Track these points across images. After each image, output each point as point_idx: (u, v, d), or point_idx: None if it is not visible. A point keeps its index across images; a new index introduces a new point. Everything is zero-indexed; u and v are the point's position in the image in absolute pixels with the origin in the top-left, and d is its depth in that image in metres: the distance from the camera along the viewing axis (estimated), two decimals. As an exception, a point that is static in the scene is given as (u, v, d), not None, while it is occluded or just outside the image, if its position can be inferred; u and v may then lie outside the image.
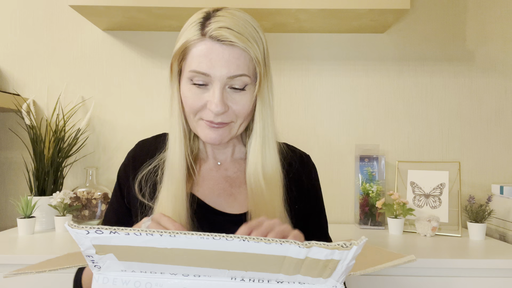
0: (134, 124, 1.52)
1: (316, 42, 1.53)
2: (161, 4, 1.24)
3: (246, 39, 0.66)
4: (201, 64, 0.66)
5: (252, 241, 0.39)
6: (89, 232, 0.41)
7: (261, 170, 0.72)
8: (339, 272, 0.41)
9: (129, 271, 0.45)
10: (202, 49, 0.66)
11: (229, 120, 0.70)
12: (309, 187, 0.81)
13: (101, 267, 0.45)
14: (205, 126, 0.70)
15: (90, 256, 0.44)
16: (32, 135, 1.36)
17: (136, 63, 1.52)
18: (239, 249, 0.40)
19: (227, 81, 0.67)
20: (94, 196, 1.35)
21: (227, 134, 0.71)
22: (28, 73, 1.52)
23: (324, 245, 0.39)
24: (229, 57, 0.65)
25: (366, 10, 1.26)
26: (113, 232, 0.41)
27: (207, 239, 0.40)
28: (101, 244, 0.42)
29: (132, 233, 0.40)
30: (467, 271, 1.02)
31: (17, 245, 1.12)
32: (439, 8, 1.53)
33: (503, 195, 1.31)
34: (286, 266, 0.42)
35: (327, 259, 0.40)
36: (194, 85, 0.68)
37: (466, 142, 1.53)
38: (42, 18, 1.52)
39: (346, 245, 0.39)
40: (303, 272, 0.42)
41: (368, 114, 1.53)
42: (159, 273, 0.45)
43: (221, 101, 0.66)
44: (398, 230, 1.30)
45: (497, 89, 1.53)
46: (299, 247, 0.39)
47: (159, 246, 0.41)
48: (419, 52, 1.53)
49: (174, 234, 0.40)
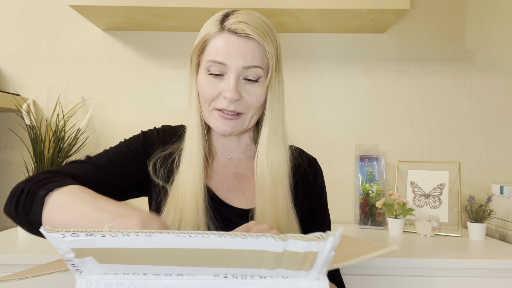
0: (134, 124, 1.52)
1: (316, 42, 1.53)
2: (161, 4, 1.24)
3: (261, 33, 0.71)
4: (218, 55, 0.70)
5: (228, 237, 0.39)
6: (65, 236, 0.40)
7: (268, 165, 0.74)
8: (319, 263, 0.42)
9: (111, 273, 0.45)
10: (220, 41, 0.71)
11: (242, 110, 0.73)
12: (315, 188, 0.83)
13: (82, 271, 0.45)
14: (217, 117, 0.73)
15: (70, 260, 0.43)
16: (32, 135, 1.36)
17: (136, 63, 1.52)
18: (217, 245, 0.40)
19: (242, 71, 0.71)
20: (94, 196, 1.35)
21: (239, 127, 0.74)
22: (28, 73, 1.52)
23: (301, 237, 0.39)
24: (245, 49, 0.70)
25: (366, 10, 1.26)
26: (89, 235, 0.40)
27: (183, 237, 0.40)
28: (79, 247, 0.42)
29: (108, 235, 0.40)
30: (467, 271, 1.02)
31: (17, 245, 1.12)
32: (439, 8, 1.53)
33: (503, 195, 1.31)
34: (266, 261, 0.42)
35: (305, 251, 0.40)
36: (210, 75, 0.72)
37: (466, 142, 1.53)
38: (42, 18, 1.52)
39: (323, 236, 0.39)
40: (284, 266, 0.42)
41: (368, 114, 1.53)
42: (141, 274, 0.45)
43: (235, 88, 0.70)
44: (398, 230, 1.30)
45: (497, 89, 1.53)
46: (275, 240, 0.39)
47: (137, 246, 0.41)
48: (419, 52, 1.53)
49: (151, 233, 0.40)
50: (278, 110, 0.76)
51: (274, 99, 0.75)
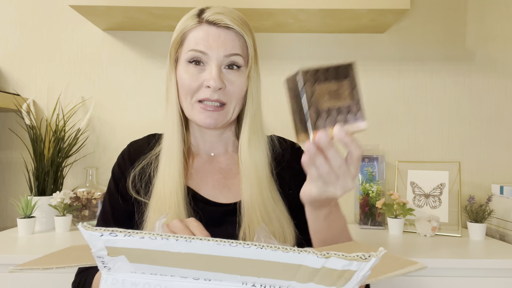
0: (134, 124, 1.52)
1: (316, 42, 1.53)
2: (161, 4, 1.24)
3: (240, 23, 0.72)
4: (198, 45, 0.71)
5: (269, 249, 0.39)
6: (103, 235, 0.40)
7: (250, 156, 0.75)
8: (354, 282, 0.41)
9: (138, 272, 0.45)
10: (199, 33, 0.72)
11: (225, 100, 0.73)
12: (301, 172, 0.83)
13: (110, 268, 0.45)
14: (200, 110, 0.73)
15: (101, 257, 0.43)
16: (32, 135, 1.36)
17: (136, 63, 1.52)
18: (255, 256, 0.40)
19: (224, 60, 0.72)
20: (94, 196, 1.36)
21: (222, 118, 0.74)
22: (28, 73, 1.52)
23: (343, 256, 0.38)
24: (225, 39, 0.71)
25: (366, 10, 1.26)
26: (127, 235, 0.40)
27: (223, 246, 0.39)
28: (114, 246, 0.42)
29: (147, 237, 0.40)
30: (467, 271, 1.02)
31: (17, 245, 1.12)
32: (439, 8, 1.53)
33: (503, 195, 1.31)
34: (300, 274, 0.41)
35: (343, 269, 0.40)
36: (191, 64, 0.73)
37: (466, 142, 1.53)
38: (42, 18, 1.52)
39: (365, 257, 0.38)
40: (316, 280, 0.42)
41: (368, 114, 1.53)
42: (169, 276, 0.45)
43: (218, 76, 0.71)
44: (398, 230, 1.30)
45: (497, 89, 1.53)
46: (317, 257, 0.39)
47: (173, 250, 0.41)
48: (419, 52, 1.53)
49: (190, 239, 0.40)
50: (258, 100, 0.77)
51: (254, 90, 0.76)
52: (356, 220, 1.47)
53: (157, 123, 1.50)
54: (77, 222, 1.37)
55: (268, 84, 1.52)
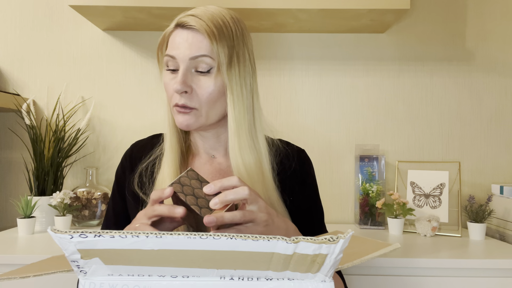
0: (134, 124, 1.52)
1: (316, 42, 1.53)
2: (161, 4, 1.24)
3: (210, 25, 0.70)
4: (170, 49, 0.72)
5: (239, 239, 0.39)
6: (73, 237, 0.40)
7: (242, 161, 0.73)
8: (327, 266, 0.42)
9: (116, 275, 0.45)
10: (173, 37, 0.73)
11: (193, 105, 0.72)
12: (304, 179, 0.83)
13: (87, 272, 0.44)
14: (176, 112, 0.74)
15: (75, 261, 0.43)
16: (32, 135, 1.36)
17: (136, 63, 1.52)
18: (227, 247, 0.40)
19: (190, 62, 0.71)
20: (94, 196, 1.36)
21: (194, 121, 0.73)
22: (28, 73, 1.52)
23: (311, 240, 0.39)
24: (192, 40, 0.70)
25: (366, 10, 1.26)
26: (97, 236, 0.40)
27: (194, 239, 0.40)
28: (86, 249, 0.41)
29: (117, 236, 0.40)
30: (467, 271, 1.02)
31: (17, 245, 1.12)
32: (439, 8, 1.53)
33: (503, 195, 1.31)
34: (274, 263, 0.42)
35: (314, 253, 0.40)
36: (168, 71, 0.74)
37: (466, 142, 1.53)
38: (42, 18, 1.52)
39: (333, 239, 0.39)
40: (291, 268, 0.43)
41: (368, 114, 1.53)
42: (147, 276, 0.45)
43: (182, 80, 0.70)
44: (398, 230, 1.30)
45: (497, 89, 1.53)
46: (286, 243, 0.39)
47: (145, 248, 0.41)
48: (419, 52, 1.53)
49: (161, 235, 0.40)
50: (241, 104, 0.73)
51: (234, 93, 0.72)
52: (356, 220, 1.47)
53: (157, 123, 1.51)
54: (77, 222, 1.37)
55: (268, 84, 1.52)
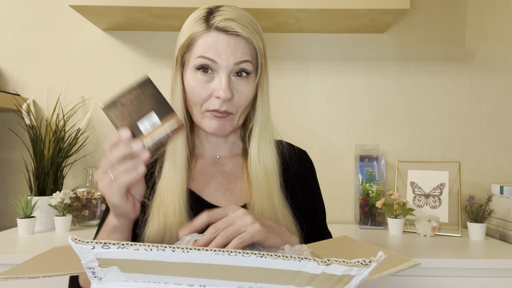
0: (134, 124, 1.52)
1: (316, 42, 1.53)
2: (161, 4, 1.24)
3: (249, 30, 0.71)
4: (208, 51, 0.70)
5: (269, 258, 0.38)
6: (95, 247, 0.39)
7: (260, 162, 0.75)
8: (352, 285, 0.41)
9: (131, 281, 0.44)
10: (208, 40, 0.70)
11: (233, 110, 0.72)
12: (308, 181, 0.84)
13: (101, 278, 0.43)
14: (211, 116, 0.72)
15: (91, 268, 0.42)
16: (32, 135, 1.36)
17: (136, 63, 1.52)
18: (254, 264, 0.39)
19: (233, 67, 0.70)
20: (94, 196, 1.36)
21: (229, 126, 0.74)
22: (28, 73, 1.52)
23: (344, 262, 0.38)
24: (235, 46, 0.70)
25: (365, 10, 1.26)
26: (121, 247, 0.39)
27: (222, 255, 0.38)
28: (106, 258, 0.40)
29: (142, 249, 0.39)
30: (467, 271, 1.02)
31: (17, 245, 1.12)
32: (439, 8, 1.53)
33: (503, 195, 1.31)
34: (298, 279, 0.41)
35: (343, 274, 0.39)
36: (199, 71, 0.71)
37: (466, 142, 1.53)
38: (42, 18, 1.52)
39: (366, 263, 0.38)
40: (315, 284, 0.42)
41: (368, 114, 1.53)
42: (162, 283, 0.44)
43: (228, 87, 0.70)
44: (398, 230, 1.30)
45: (497, 89, 1.53)
46: (318, 264, 0.38)
47: (169, 260, 0.40)
48: (419, 52, 1.53)
49: (188, 250, 0.38)
50: (267, 107, 0.77)
51: (263, 97, 0.76)
52: (356, 220, 1.47)
53: (157, 123, 1.50)
54: (77, 222, 1.37)
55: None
